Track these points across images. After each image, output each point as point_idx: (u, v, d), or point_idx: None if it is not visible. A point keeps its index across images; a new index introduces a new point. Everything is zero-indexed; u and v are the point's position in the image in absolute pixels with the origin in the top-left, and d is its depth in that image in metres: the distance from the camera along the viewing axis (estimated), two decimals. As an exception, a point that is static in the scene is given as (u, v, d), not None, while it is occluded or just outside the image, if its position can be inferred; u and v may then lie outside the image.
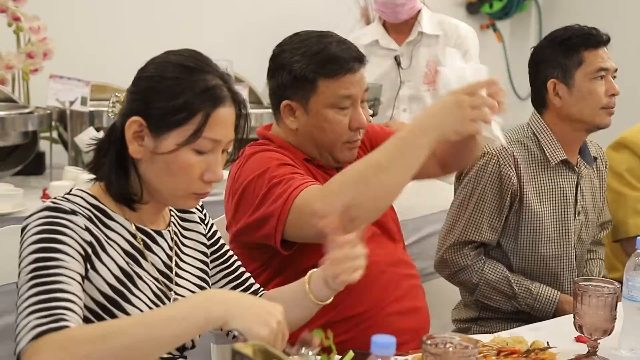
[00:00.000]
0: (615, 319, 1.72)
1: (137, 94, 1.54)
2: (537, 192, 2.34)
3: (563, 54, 2.33)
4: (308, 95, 1.93)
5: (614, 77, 2.36)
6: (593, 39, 2.33)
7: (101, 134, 2.96)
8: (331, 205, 1.67)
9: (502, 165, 2.29)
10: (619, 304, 1.76)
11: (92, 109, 3.20)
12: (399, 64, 3.36)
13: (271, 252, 1.90)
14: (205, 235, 1.74)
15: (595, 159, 2.48)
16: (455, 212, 2.34)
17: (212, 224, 1.76)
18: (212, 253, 1.74)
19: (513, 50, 5.37)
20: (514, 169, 2.30)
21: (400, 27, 3.38)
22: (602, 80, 2.33)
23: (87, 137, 3.18)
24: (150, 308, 1.53)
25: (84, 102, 3.17)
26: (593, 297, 1.73)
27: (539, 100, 2.39)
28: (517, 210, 2.31)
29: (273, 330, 1.34)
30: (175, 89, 1.50)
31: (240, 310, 1.33)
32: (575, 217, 2.38)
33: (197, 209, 1.75)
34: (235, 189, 1.91)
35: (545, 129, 2.36)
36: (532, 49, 2.43)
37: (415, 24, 3.36)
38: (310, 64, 1.91)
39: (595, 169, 2.47)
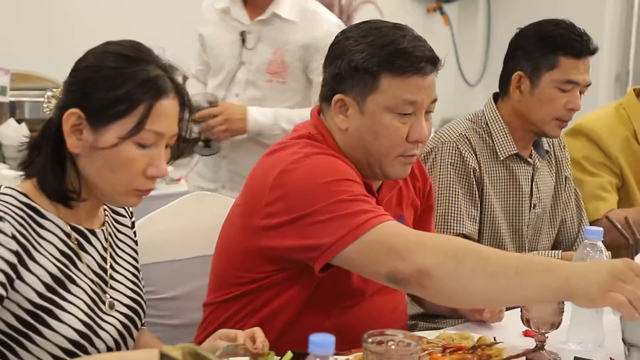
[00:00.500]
0: (563, 312, 1.77)
1: (74, 85, 1.52)
2: (493, 182, 2.37)
3: (541, 50, 2.31)
4: (366, 92, 1.74)
5: (582, 92, 2.34)
6: (577, 46, 2.30)
7: (25, 129, 2.93)
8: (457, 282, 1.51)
9: (463, 151, 2.31)
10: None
11: (12, 99, 3.15)
12: (243, 41, 2.93)
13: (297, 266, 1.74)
14: (134, 242, 1.74)
15: (547, 152, 2.50)
16: (441, 203, 2.30)
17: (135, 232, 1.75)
18: None
19: (461, 34, 5.44)
20: (474, 155, 2.33)
21: (260, 1, 2.93)
22: (567, 93, 2.31)
23: (9, 130, 3.13)
24: (85, 313, 1.52)
25: (3, 91, 3.12)
26: None
27: (502, 85, 2.41)
28: (480, 200, 2.33)
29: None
30: (115, 79, 1.49)
31: None
32: (530, 210, 2.41)
33: (127, 213, 1.74)
34: (281, 184, 1.69)
35: (498, 120, 2.38)
36: (519, 29, 2.42)
37: (273, 1, 2.91)
38: (375, 55, 1.73)
39: (549, 162, 2.50)
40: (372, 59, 1.73)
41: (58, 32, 3.62)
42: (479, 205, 2.32)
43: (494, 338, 1.78)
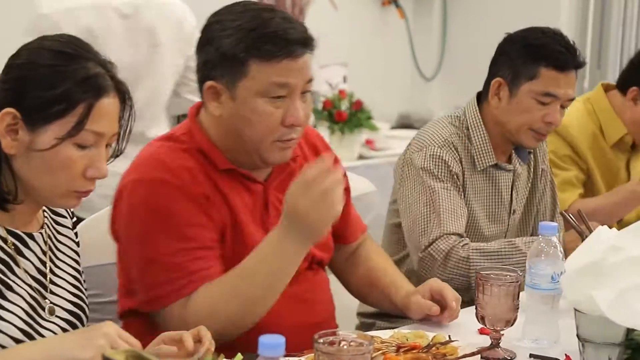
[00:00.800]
0: (518, 308, 1.80)
1: (8, 83, 1.50)
2: (475, 191, 2.36)
3: (523, 58, 2.29)
4: (236, 78, 1.75)
5: (564, 106, 2.31)
6: (560, 58, 2.27)
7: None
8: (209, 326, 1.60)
9: (447, 158, 2.29)
10: (522, 293, 1.84)
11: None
12: None
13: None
14: (76, 243, 1.72)
15: (530, 152, 2.50)
16: (424, 207, 2.27)
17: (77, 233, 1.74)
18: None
19: (417, 27, 5.47)
20: (459, 163, 2.31)
21: None
22: (546, 105, 2.29)
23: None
24: (23, 320, 1.50)
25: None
26: (494, 286, 1.78)
27: (484, 90, 2.40)
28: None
29: (99, 346, 1.36)
30: (52, 77, 1.47)
31: (61, 346, 1.38)
32: (509, 216, 2.42)
33: (68, 214, 1.72)
34: (115, 219, 1.81)
35: (479, 126, 2.35)
36: (507, 34, 2.39)
37: None
38: (242, 41, 1.73)
39: (529, 165, 2.50)
40: (239, 44, 1.73)
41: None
42: (465, 210, 2.30)
43: (449, 336, 1.81)
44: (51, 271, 1.61)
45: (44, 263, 1.60)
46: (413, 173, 2.31)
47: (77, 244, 1.73)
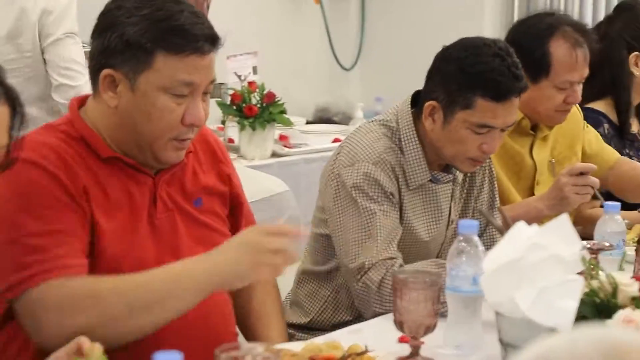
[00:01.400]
0: (438, 314, 1.82)
1: None
2: (413, 207, 2.33)
3: (457, 84, 2.22)
4: (139, 69, 1.76)
5: (503, 130, 2.26)
6: (500, 89, 2.19)
7: None
8: (62, 324, 1.64)
9: (380, 177, 2.25)
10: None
11: None
12: None
13: None
14: None
15: None
16: (358, 231, 2.22)
17: None
18: None
19: (334, 14, 5.49)
20: (395, 180, 2.27)
21: None
22: (482, 135, 2.23)
23: None
24: None
25: None
26: (413, 291, 1.79)
27: (420, 103, 2.32)
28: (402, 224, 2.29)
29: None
30: None
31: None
32: (447, 227, 2.41)
33: None
34: None
35: (413, 141, 2.30)
36: (444, 47, 2.30)
37: None
38: (149, 31, 1.75)
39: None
40: (146, 34, 1.75)
41: None
42: (400, 229, 2.27)
43: (366, 346, 1.82)
44: None
45: None
46: (344, 193, 2.25)
47: None
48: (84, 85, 2.97)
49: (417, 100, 2.35)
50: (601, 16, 5.03)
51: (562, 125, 2.78)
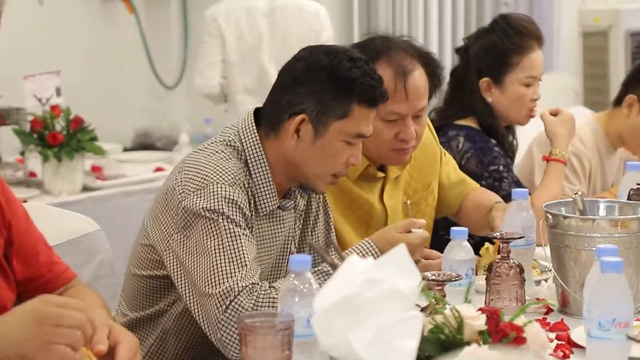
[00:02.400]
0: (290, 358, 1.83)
1: None
2: (262, 237, 2.36)
3: (332, 93, 2.29)
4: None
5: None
6: (376, 94, 2.32)
7: None
8: None
9: (238, 198, 2.26)
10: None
11: None
12: None
13: None
14: None
15: None
16: (219, 261, 2.21)
17: None
18: None
19: (151, 23, 5.48)
20: (248, 204, 2.29)
21: None
22: (352, 146, 2.32)
23: None
24: None
25: None
26: (259, 336, 1.81)
27: (274, 120, 2.34)
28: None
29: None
30: None
31: None
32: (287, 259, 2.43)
33: None
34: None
35: (262, 164, 2.33)
36: (305, 52, 2.36)
37: None
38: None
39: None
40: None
41: None
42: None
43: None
44: None
45: None
46: (195, 219, 2.25)
47: None
48: None
49: (258, 117, 2.39)
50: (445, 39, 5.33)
51: (417, 158, 2.83)
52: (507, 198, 3.09)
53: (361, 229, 2.77)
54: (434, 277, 2.10)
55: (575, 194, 2.42)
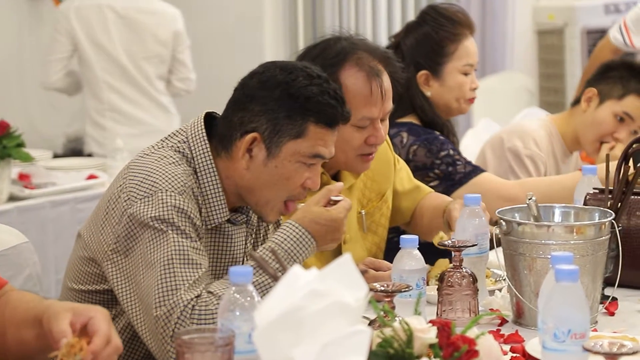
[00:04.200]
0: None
1: None
2: (209, 251, 2.34)
3: (286, 111, 2.28)
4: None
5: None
6: (335, 113, 2.30)
7: None
8: None
9: (188, 209, 2.25)
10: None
11: None
12: None
13: None
14: None
15: None
16: (170, 273, 2.20)
17: None
18: None
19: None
20: (199, 214, 2.28)
21: None
22: (310, 167, 2.31)
23: None
24: None
25: None
26: (197, 354, 1.79)
27: (226, 137, 2.33)
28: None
29: None
30: None
31: None
32: None
33: None
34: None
35: (212, 175, 2.32)
36: (261, 67, 2.36)
37: None
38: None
39: None
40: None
41: None
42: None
43: None
44: None
45: None
46: (142, 228, 2.23)
47: None
48: None
49: (210, 126, 2.37)
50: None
51: (372, 167, 2.82)
52: (464, 179, 3.13)
53: None
54: (382, 288, 2.11)
55: (529, 199, 2.43)
